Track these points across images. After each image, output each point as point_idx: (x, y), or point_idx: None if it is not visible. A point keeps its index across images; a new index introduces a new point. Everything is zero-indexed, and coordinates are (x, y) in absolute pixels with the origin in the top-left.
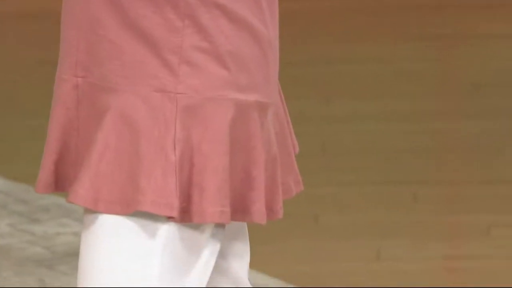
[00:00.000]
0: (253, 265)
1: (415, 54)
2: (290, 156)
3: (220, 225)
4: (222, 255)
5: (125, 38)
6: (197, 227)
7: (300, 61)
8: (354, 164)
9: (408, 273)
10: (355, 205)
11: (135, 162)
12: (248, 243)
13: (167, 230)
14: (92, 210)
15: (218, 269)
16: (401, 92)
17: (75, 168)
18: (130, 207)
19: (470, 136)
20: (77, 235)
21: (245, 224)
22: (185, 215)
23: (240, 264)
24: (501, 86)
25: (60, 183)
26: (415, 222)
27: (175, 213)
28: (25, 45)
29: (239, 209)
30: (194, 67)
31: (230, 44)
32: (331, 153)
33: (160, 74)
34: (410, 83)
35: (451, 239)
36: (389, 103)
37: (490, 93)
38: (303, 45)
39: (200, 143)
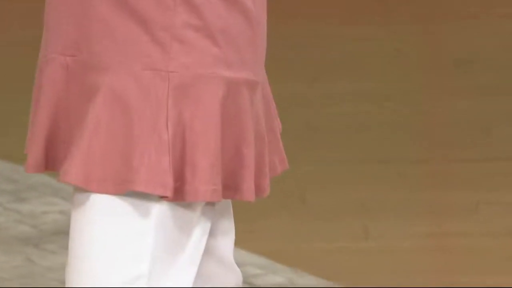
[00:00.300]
0: (239, 243)
1: (398, 33)
2: (275, 135)
3: (209, 203)
4: (209, 233)
5: (116, 16)
6: (188, 205)
7: (284, 43)
8: (340, 143)
9: (396, 251)
10: (342, 184)
11: (128, 141)
12: (233, 220)
13: (159, 209)
14: (83, 190)
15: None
16: (385, 71)
17: (65, 147)
18: (123, 186)
19: (455, 114)
20: (64, 213)
21: (230, 202)
22: (178, 194)
23: (226, 242)
24: (485, 63)
25: (50, 163)
26: (402, 200)
27: (169, 193)
28: (13, 24)
29: (231, 186)
30: (186, 44)
31: (222, 22)
32: (317, 133)
33: (151, 52)
34: (394, 62)
35: (439, 217)
36: (373, 83)
37: (474, 70)
38: (287, 27)
39: (192, 121)
